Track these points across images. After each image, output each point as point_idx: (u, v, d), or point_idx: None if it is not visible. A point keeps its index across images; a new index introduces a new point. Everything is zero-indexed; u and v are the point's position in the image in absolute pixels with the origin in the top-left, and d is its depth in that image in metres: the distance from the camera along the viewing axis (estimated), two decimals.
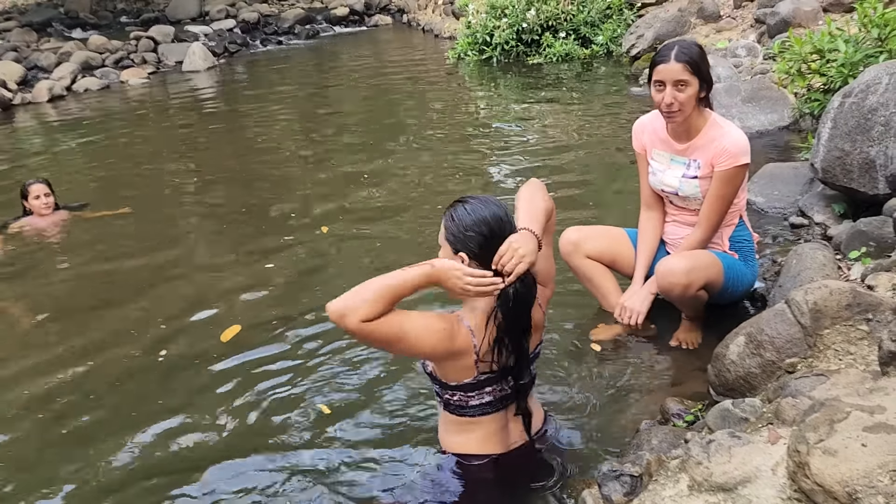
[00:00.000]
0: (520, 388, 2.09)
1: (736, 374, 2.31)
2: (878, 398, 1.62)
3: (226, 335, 3.31)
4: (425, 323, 1.91)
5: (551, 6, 9.50)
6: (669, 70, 2.61)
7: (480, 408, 2.07)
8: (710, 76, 2.69)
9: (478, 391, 2.04)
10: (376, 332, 1.82)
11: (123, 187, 6.00)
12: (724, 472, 1.70)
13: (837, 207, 3.47)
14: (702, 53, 2.67)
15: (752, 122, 5.12)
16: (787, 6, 6.43)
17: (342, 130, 7.39)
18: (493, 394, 2.06)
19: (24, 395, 3.05)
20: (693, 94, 2.63)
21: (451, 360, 1.98)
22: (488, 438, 2.11)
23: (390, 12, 17.51)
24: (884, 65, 3.38)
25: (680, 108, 2.64)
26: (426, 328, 1.90)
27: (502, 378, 2.05)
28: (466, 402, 2.06)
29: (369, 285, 1.83)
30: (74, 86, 11.49)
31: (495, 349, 1.98)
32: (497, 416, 2.10)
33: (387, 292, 1.83)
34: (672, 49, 2.64)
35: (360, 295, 1.81)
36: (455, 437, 2.14)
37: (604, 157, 5.35)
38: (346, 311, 1.79)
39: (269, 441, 2.59)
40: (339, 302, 1.81)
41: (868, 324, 2.12)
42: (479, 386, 2.03)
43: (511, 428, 2.15)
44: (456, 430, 2.13)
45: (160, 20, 16.40)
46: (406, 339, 1.87)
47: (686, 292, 2.69)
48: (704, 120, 2.75)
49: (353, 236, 4.42)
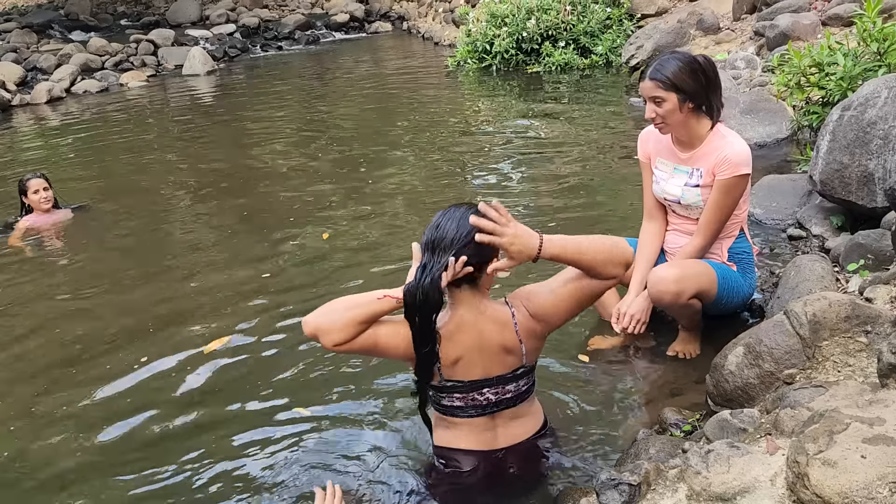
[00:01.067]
0: (496, 403, 2.09)
1: (734, 385, 2.31)
2: (877, 410, 1.62)
3: (209, 347, 3.27)
4: (394, 329, 1.96)
5: (551, 16, 9.55)
6: (645, 87, 2.70)
7: (452, 409, 2.09)
8: (696, 87, 2.66)
9: (447, 394, 2.06)
10: (351, 349, 1.92)
11: (120, 190, 5.99)
12: (722, 483, 1.70)
13: (835, 220, 3.48)
14: (682, 66, 2.64)
15: (750, 134, 5.13)
16: (787, 19, 6.46)
17: (341, 136, 7.40)
18: (463, 400, 2.07)
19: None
20: (672, 108, 2.65)
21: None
22: (467, 437, 2.12)
23: (391, 19, 17.56)
24: (883, 79, 3.39)
25: (662, 120, 2.70)
26: (395, 334, 1.96)
27: (472, 389, 2.05)
28: (438, 399, 2.10)
29: (341, 313, 1.89)
30: (73, 88, 11.50)
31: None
32: (477, 420, 2.10)
33: (359, 318, 1.89)
34: (652, 66, 2.70)
35: (331, 319, 1.88)
36: (439, 431, 2.19)
37: (602, 168, 5.35)
38: (318, 332, 1.89)
39: (258, 444, 2.59)
40: (313, 321, 1.89)
41: (867, 336, 2.12)
42: (445, 391, 2.06)
43: (499, 433, 2.15)
44: (437, 422, 2.18)
45: (160, 24, 16.42)
46: (378, 347, 1.95)
47: (676, 300, 2.69)
48: (706, 129, 2.76)
49: (354, 243, 4.40)
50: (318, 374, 2.99)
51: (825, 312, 2.18)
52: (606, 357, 2.93)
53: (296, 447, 2.56)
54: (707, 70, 2.70)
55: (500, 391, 2.08)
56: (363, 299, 1.92)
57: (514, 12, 9.72)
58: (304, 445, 2.56)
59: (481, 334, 2.00)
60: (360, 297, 1.93)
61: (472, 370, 2.03)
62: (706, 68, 2.70)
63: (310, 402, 2.80)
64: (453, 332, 1.99)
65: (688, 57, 2.71)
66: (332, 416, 2.72)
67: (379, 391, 2.81)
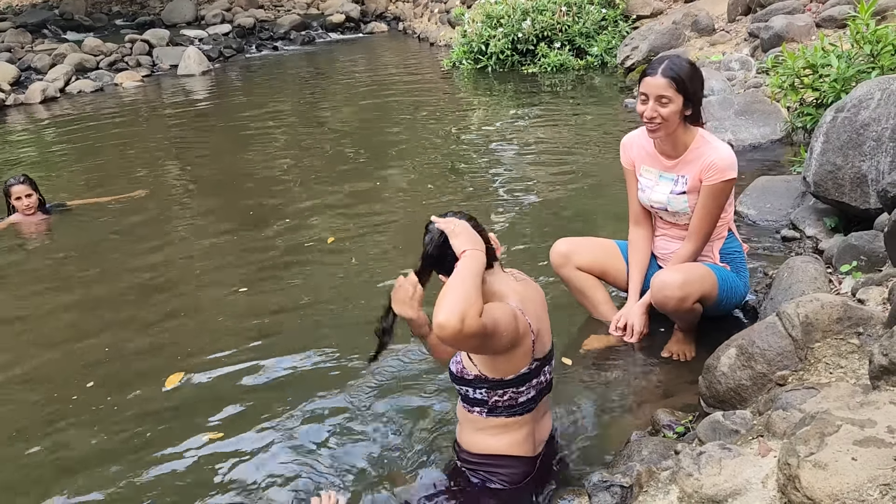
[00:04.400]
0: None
1: (727, 387, 2.31)
2: (868, 412, 1.62)
3: (170, 381, 3.03)
4: (504, 310, 1.90)
5: (547, 17, 9.55)
6: (655, 84, 2.61)
7: (527, 404, 2.07)
8: (698, 94, 2.66)
9: (527, 383, 2.04)
10: (484, 329, 1.78)
11: (113, 191, 5.95)
12: (714, 485, 1.70)
13: (829, 221, 3.49)
14: (692, 71, 2.63)
15: (744, 135, 5.14)
16: (781, 21, 6.48)
17: (337, 138, 7.39)
18: (536, 387, 2.08)
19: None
20: (676, 111, 2.61)
21: (517, 346, 1.97)
22: (524, 440, 2.11)
23: (386, 20, 17.53)
24: (876, 80, 3.40)
25: (662, 122, 2.63)
26: (506, 314, 1.89)
27: (544, 364, 2.08)
28: (516, 399, 2.04)
29: (458, 286, 1.78)
30: (68, 88, 11.45)
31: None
32: (532, 415, 2.11)
33: (476, 282, 1.80)
34: (662, 63, 2.63)
35: (459, 296, 1.75)
36: (491, 440, 2.10)
37: (596, 169, 5.36)
38: (462, 314, 1.72)
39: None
40: (448, 310, 1.73)
41: (859, 337, 2.13)
42: (531, 376, 2.03)
43: (536, 431, 2.16)
44: (496, 432, 2.09)
45: (155, 24, 16.36)
46: (498, 330, 1.84)
47: (681, 305, 2.70)
48: (692, 136, 2.76)
49: (358, 245, 4.37)
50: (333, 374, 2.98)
51: (817, 314, 2.18)
52: (600, 358, 2.93)
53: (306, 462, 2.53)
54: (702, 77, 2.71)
55: (550, 366, 2.13)
56: (458, 271, 1.83)
57: (510, 13, 9.72)
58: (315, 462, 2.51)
59: (534, 300, 2.06)
60: (456, 273, 1.83)
61: (544, 339, 2.07)
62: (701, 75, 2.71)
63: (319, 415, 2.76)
64: (524, 303, 1.99)
65: (691, 60, 2.71)
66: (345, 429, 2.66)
67: (392, 411, 2.73)
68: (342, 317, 3.46)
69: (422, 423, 2.62)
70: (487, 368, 2.01)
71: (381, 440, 2.55)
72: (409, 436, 2.56)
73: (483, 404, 2.07)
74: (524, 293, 2.05)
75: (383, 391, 2.82)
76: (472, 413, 2.10)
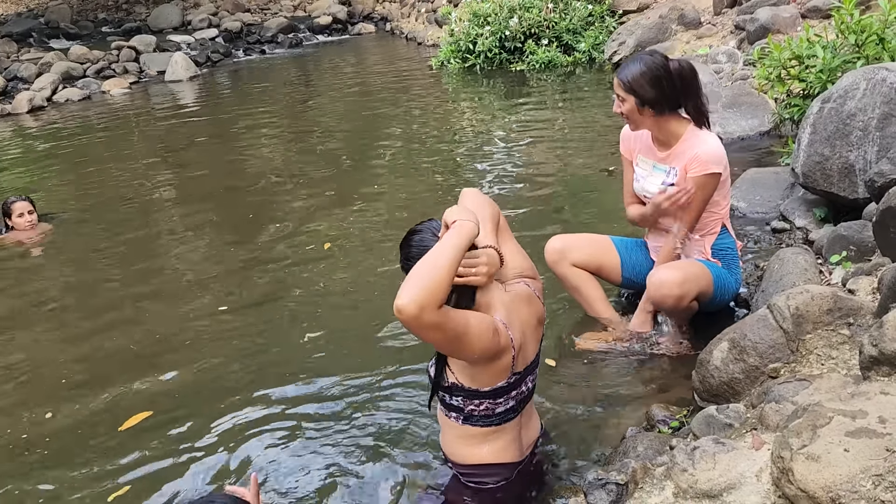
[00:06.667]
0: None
1: (720, 380, 2.32)
2: (859, 403, 1.63)
3: (129, 422, 2.87)
4: (482, 318, 1.85)
5: (534, 14, 9.55)
6: (615, 83, 2.76)
7: (505, 414, 2.03)
8: (654, 95, 2.65)
9: (505, 395, 1.99)
10: (448, 324, 1.72)
11: (102, 200, 5.93)
12: (708, 479, 1.70)
13: (818, 212, 3.50)
14: (647, 73, 2.64)
15: (733, 128, 5.16)
16: (766, 13, 6.49)
17: (327, 140, 7.37)
18: (516, 397, 2.03)
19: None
20: (631, 109, 2.72)
21: (494, 360, 1.91)
22: (507, 447, 2.08)
23: (373, 21, 17.50)
24: (861, 70, 3.41)
25: (625, 116, 2.77)
26: (482, 322, 1.84)
27: (526, 375, 2.05)
28: (493, 409, 2.00)
29: (428, 269, 1.68)
30: (55, 96, 11.39)
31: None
32: (514, 421, 2.08)
33: (454, 259, 1.72)
34: (627, 62, 2.75)
35: (424, 282, 1.65)
36: (473, 450, 2.07)
37: (586, 166, 5.36)
38: (421, 303, 1.63)
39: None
40: (408, 295, 1.63)
41: (849, 328, 2.13)
42: (509, 389, 1.99)
43: (522, 434, 2.14)
44: (476, 441, 2.06)
45: (142, 30, 16.29)
46: (468, 334, 1.79)
47: (679, 304, 2.71)
48: (684, 128, 2.78)
49: (355, 250, 4.35)
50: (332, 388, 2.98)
51: (808, 306, 2.19)
52: (594, 354, 2.94)
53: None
54: (677, 77, 2.67)
55: (533, 376, 2.11)
56: (435, 248, 1.75)
57: (497, 11, 9.72)
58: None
59: (522, 313, 2.02)
60: (432, 251, 1.74)
61: (528, 353, 2.04)
62: (678, 75, 2.67)
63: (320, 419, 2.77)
64: (510, 316, 1.96)
65: (657, 63, 2.67)
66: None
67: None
68: (343, 327, 3.45)
69: (415, 427, 2.63)
70: (465, 377, 1.96)
71: (377, 446, 2.56)
72: (406, 438, 2.57)
73: (459, 411, 2.03)
74: (511, 305, 1.99)
75: (381, 399, 2.83)
76: (450, 418, 2.08)
